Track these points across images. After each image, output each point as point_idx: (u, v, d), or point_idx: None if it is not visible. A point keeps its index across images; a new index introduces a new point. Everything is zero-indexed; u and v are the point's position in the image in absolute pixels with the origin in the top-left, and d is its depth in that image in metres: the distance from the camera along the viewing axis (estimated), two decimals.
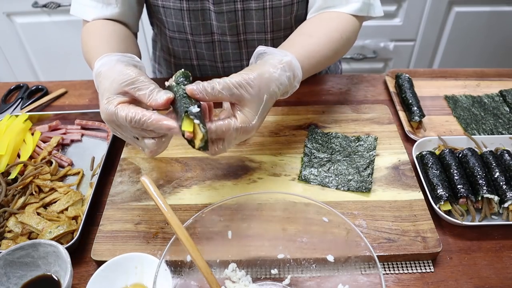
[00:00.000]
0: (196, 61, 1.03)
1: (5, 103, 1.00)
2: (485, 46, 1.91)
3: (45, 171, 0.77)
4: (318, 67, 0.76)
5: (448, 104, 0.95)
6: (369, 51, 1.93)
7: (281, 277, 0.63)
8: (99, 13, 0.85)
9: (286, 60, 0.65)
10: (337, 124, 0.87)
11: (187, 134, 0.54)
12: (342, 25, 0.80)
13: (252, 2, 0.89)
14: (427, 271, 0.64)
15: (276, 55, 0.65)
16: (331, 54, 0.77)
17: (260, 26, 0.93)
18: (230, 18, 0.91)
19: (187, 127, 0.54)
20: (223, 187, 0.75)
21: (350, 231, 0.57)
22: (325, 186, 0.75)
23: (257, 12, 0.90)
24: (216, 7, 0.89)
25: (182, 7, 0.90)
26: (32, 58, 1.95)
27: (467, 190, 0.70)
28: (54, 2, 1.74)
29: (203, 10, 0.91)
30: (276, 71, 0.63)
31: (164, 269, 0.54)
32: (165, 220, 0.69)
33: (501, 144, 0.82)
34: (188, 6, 0.90)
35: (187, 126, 0.54)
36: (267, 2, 0.89)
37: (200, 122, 0.54)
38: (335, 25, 0.80)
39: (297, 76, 0.67)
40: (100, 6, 0.85)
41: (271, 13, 0.91)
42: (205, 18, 0.92)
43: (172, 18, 0.93)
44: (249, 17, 0.91)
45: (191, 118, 0.54)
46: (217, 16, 0.90)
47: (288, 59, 0.65)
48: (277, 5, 0.89)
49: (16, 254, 0.60)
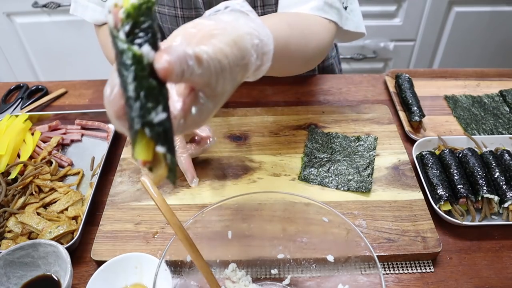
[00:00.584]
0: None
1: (5, 103, 1.00)
2: (485, 46, 1.91)
3: (45, 171, 0.77)
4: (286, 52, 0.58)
5: (448, 104, 0.95)
6: (369, 51, 1.93)
7: (281, 277, 0.63)
8: (99, 16, 0.84)
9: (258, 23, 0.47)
10: (337, 124, 0.87)
11: (140, 162, 0.34)
12: (293, 18, 0.67)
13: None
14: (427, 271, 0.64)
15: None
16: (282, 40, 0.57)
17: None
18: None
19: (141, 152, 0.33)
20: (223, 187, 0.75)
21: (350, 231, 0.57)
22: (325, 186, 0.75)
23: None
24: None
25: (177, 14, 0.90)
26: (32, 58, 1.95)
27: (467, 190, 0.70)
28: (54, 2, 1.74)
29: (197, 18, 0.90)
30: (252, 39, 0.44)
31: (164, 269, 0.54)
32: (165, 220, 0.69)
33: (501, 144, 0.82)
34: (182, 14, 0.90)
35: (141, 152, 0.33)
36: (258, 10, 0.87)
37: (166, 148, 0.33)
38: (285, 17, 0.66)
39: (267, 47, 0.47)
40: (100, 10, 0.84)
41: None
42: None
43: (167, 24, 0.93)
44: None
45: (149, 137, 0.32)
46: None
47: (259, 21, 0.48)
48: (268, 12, 0.88)
49: (16, 254, 0.60)
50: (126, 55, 0.30)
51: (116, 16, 0.30)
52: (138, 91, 0.31)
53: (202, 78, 0.36)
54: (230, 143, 0.84)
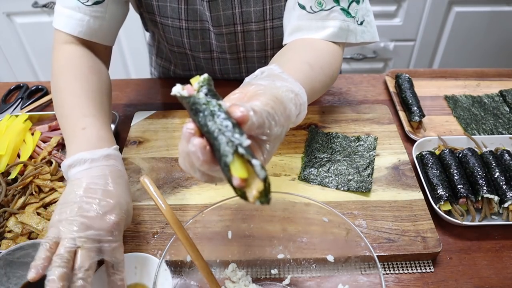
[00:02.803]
0: (195, 72, 1.03)
1: (5, 103, 1.00)
2: (485, 46, 1.92)
3: (45, 171, 0.77)
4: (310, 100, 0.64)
5: (448, 104, 0.95)
6: (369, 51, 1.93)
7: (281, 277, 0.63)
8: (80, 27, 0.77)
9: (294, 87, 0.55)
10: (337, 124, 0.87)
11: (238, 182, 0.37)
12: (311, 56, 0.71)
13: (253, 24, 0.87)
14: (427, 271, 0.64)
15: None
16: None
17: (260, 45, 0.92)
18: (230, 39, 0.90)
19: (238, 171, 0.37)
20: (223, 187, 0.75)
21: (350, 231, 0.57)
22: (325, 186, 0.75)
23: (258, 33, 0.89)
24: (215, 29, 0.87)
25: (181, 26, 0.88)
26: (32, 58, 1.95)
27: (467, 190, 0.70)
28: (54, 2, 1.74)
29: (202, 30, 0.89)
30: (288, 94, 0.52)
31: (164, 269, 0.54)
32: (165, 220, 0.69)
33: (501, 144, 0.82)
34: (187, 26, 0.88)
35: (239, 170, 0.37)
36: (267, 23, 0.87)
37: (259, 163, 0.37)
38: (304, 57, 0.70)
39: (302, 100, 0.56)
40: (87, 19, 0.77)
41: (271, 33, 0.89)
42: (205, 37, 0.91)
43: (170, 35, 0.92)
44: (249, 37, 0.90)
45: (244, 156, 0.37)
46: (216, 37, 0.89)
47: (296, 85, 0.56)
48: (278, 25, 0.87)
49: (16, 254, 0.60)
50: (211, 104, 0.40)
51: (189, 88, 0.42)
52: (228, 123, 0.39)
53: (258, 124, 0.43)
54: None
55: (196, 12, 0.86)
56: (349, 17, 0.75)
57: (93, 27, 0.78)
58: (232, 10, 0.84)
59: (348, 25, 0.75)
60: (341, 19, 0.74)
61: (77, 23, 0.77)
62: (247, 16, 0.85)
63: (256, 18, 0.86)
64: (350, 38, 0.76)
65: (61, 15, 0.78)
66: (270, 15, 0.86)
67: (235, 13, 0.85)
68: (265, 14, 0.85)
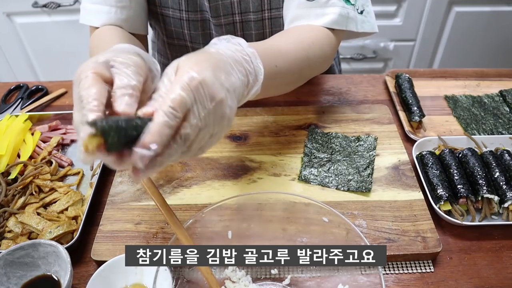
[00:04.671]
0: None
1: (5, 103, 1.00)
2: (485, 46, 1.91)
3: (45, 171, 0.77)
4: (278, 78, 0.64)
5: (448, 104, 0.95)
6: (369, 51, 1.93)
7: (281, 277, 0.63)
8: (108, 19, 0.81)
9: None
10: (337, 124, 0.87)
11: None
12: (312, 37, 0.72)
13: (251, 14, 0.87)
14: (427, 271, 0.64)
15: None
16: (295, 65, 0.67)
17: (259, 36, 0.92)
18: (229, 30, 0.90)
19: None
20: (223, 187, 0.75)
21: (350, 231, 0.57)
22: (325, 186, 0.75)
23: (256, 23, 0.89)
24: (214, 20, 0.88)
25: (182, 17, 0.89)
26: (32, 58, 1.95)
27: (467, 190, 0.70)
28: (54, 2, 1.74)
29: (203, 21, 0.90)
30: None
31: (164, 269, 0.54)
32: (165, 220, 0.69)
33: (501, 144, 0.82)
34: (187, 17, 0.89)
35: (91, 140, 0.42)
36: (266, 13, 0.87)
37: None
38: (304, 37, 0.71)
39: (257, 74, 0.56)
40: (114, 10, 0.81)
41: (270, 24, 0.90)
42: (205, 28, 0.92)
43: (171, 26, 0.92)
44: (248, 28, 0.91)
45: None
46: (216, 28, 0.90)
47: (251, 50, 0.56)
48: (276, 16, 0.88)
49: (16, 254, 0.60)
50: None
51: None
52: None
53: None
54: (230, 143, 0.84)
55: (196, 3, 0.87)
56: (349, 5, 0.75)
57: (121, 17, 0.82)
58: (231, 0, 0.85)
59: (348, 12, 0.75)
60: (341, 6, 0.74)
61: (107, 16, 0.81)
62: (245, 5, 0.86)
63: (254, 7, 0.86)
64: (351, 26, 0.76)
65: (89, 12, 0.82)
66: (268, 5, 0.86)
67: (234, 2, 0.86)
68: (263, 4, 0.86)
